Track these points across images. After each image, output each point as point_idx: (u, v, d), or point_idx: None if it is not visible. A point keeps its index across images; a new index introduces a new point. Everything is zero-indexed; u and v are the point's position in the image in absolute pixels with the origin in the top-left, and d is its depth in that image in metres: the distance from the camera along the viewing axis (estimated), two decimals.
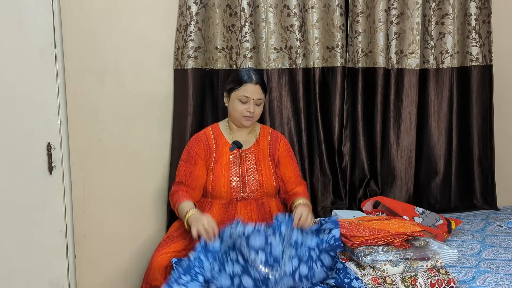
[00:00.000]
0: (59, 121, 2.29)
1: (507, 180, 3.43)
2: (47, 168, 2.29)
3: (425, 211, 2.80)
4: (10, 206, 2.26)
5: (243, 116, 2.41)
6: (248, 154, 2.47)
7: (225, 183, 2.40)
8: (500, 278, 2.24)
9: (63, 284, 2.38)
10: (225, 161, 2.43)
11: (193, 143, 2.46)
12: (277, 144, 2.53)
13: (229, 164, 2.43)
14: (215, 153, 2.44)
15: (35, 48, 2.23)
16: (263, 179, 2.44)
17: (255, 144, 2.50)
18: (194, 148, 2.44)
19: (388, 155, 3.13)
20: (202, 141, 2.45)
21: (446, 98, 3.19)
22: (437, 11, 3.12)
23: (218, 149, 2.44)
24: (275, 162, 2.52)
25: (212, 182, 2.40)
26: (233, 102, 2.42)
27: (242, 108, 2.40)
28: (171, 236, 2.42)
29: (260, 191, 2.43)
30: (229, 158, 2.44)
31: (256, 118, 2.46)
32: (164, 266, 2.22)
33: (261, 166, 2.47)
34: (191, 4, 2.77)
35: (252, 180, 2.43)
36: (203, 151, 2.43)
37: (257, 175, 2.44)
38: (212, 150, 2.44)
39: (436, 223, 2.72)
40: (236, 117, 2.43)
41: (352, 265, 2.16)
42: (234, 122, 2.48)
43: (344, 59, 3.04)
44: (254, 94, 2.39)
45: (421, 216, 2.74)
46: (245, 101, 2.40)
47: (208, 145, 2.45)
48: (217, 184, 2.40)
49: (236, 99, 2.41)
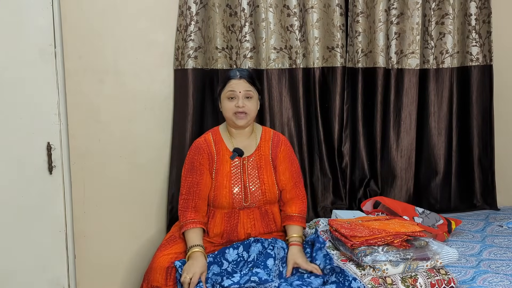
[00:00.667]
0: (59, 121, 2.29)
1: (507, 180, 3.43)
2: (47, 168, 2.29)
3: (425, 211, 2.80)
4: (10, 206, 2.26)
5: (234, 114, 2.33)
6: (249, 162, 2.40)
7: (227, 194, 2.35)
8: (500, 278, 2.24)
9: (63, 284, 2.38)
10: (226, 170, 2.37)
11: (195, 153, 2.38)
12: (278, 149, 2.45)
13: (231, 173, 2.37)
14: (216, 161, 2.37)
15: (35, 48, 2.23)
16: (265, 188, 2.38)
17: (256, 150, 2.43)
18: (197, 158, 2.37)
19: (388, 155, 3.13)
20: (204, 150, 2.38)
21: (446, 98, 3.19)
22: (437, 11, 3.12)
23: (218, 157, 2.38)
24: (275, 166, 2.44)
25: (214, 193, 2.36)
26: (223, 102, 2.37)
27: (232, 105, 2.33)
28: (173, 237, 2.41)
29: (262, 200, 2.38)
30: (230, 167, 2.38)
31: (251, 115, 2.37)
32: (165, 267, 2.21)
33: (263, 174, 2.40)
34: (191, 4, 2.77)
35: (254, 189, 2.37)
36: (206, 160, 2.37)
37: (259, 184, 2.38)
38: (213, 158, 2.38)
39: (436, 223, 2.72)
40: (229, 117, 2.36)
41: (352, 265, 2.16)
42: (230, 124, 2.41)
43: (344, 59, 3.04)
44: (239, 86, 2.33)
45: (421, 216, 2.74)
46: (233, 97, 2.34)
47: (210, 153, 2.38)
48: (219, 194, 2.35)
49: (224, 99, 2.36)
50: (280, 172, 2.42)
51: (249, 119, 2.37)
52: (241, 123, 2.35)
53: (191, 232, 2.30)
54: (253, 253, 2.25)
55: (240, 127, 2.38)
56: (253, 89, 2.37)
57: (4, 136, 2.23)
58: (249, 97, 2.35)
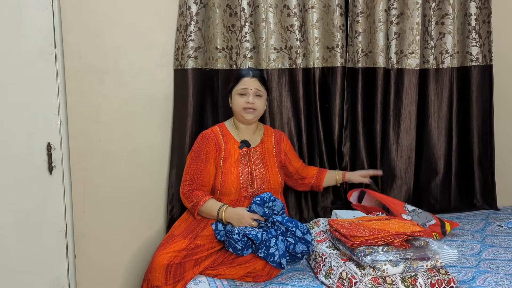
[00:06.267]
0: (59, 121, 2.29)
1: (507, 180, 3.43)
2: (47, 168, 2.29)
3: (416, 209, 2.79)
4: (10, 206, 2.26)
5: (243, 109, 2.50)
6: (255, 153, 2.57)
7: (234, 179, 2.45)
8: (500, 278, 2.24)
9: (63, 284, 2.38)
10: (234, 158, 2.51)
11: (203, 142, 2.51)
12: (281, 143, 2.68)
13: (238, 161, 2.51)
14: (224, 151, 2.51)
15: (35, 48, 2.23)
16: (269, 176, 2.53)
17: (260, 143, 2.61)
18: (204, 146, 2.50)
19: (388, 155, 3.13)
20: (212, 139, 2.51)
21: (446, 98, 3.19)
22: (437, 11, 3.13)
23: (227, 147, 2.52)
24: (282, 159, 2.67)
25: (221, 179, 2.46)
26: (234, 98, 2.54)
27: (242, 100, 2.51)
28: (172, 235, 2.43)
29: (267, 187, 2.51)
30: (237, 155, 2.52)
31: (259, 112, 2.54)
32: (165, 265, 2.24)
33: (267, 164, 2.56)
34: (191, 4, 2.77)
35: (260, 176, 2.51)
36: (213, 149, 2.49)
37: (264, 172, 2.53)
38: (221, 148, 2.51)
39: (428, 223, 2.71)
40: (238, 112, 2.53)
41: (352, 265, 2.16)
42: (238, 119, 2.57)
43: (344, 59, 3.04)
44: (251, 84, 2.51)
45: (411, 214, 2.73)
46: (244, 93, 2.51)
47: (218, 143, 2.51)
48: (227, 180, 2.45)
49: (236, 94, 2.53)
50: (292, 159, 2.73)
51: (257, 115, 2.55)
52: (249, 117, 2.51)
53: (208, 202, 2.40)
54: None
55: (247, 121, 2.55)
56: (263, 88, 2.56)
57: (4, 136, 2.23)
58: (259, 95, 2.54)
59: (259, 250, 2.25)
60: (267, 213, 2.33)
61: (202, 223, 2.43)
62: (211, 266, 2.31)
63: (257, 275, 2.28)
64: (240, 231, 2.25)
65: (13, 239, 2.28)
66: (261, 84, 2.55)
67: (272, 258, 2.25)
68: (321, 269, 2.28)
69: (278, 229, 2.31)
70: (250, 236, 2.23)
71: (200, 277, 2.31)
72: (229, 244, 2.27)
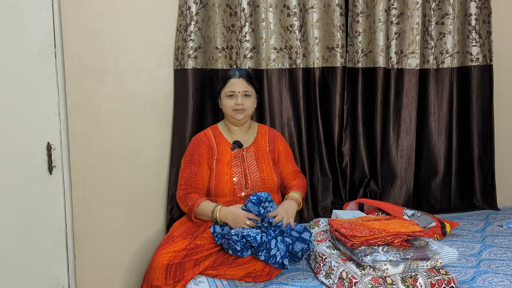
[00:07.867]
0: (59, 121, 2.29)
1: (507, 180, 3.43)
2: (47, 168, 2.29)
3: (415, 213, 2.78)
4: (10, 206, 2.26)
5: (233, 110, 2.50)
6: (248, 152, 2.56)
7: (228, 180, 2.45)
8: (500, 278, 2.24)
9: (63, 284, 2.38)
10: (226, 159, 2.50)
11: (195, 145, 2.52)
12: (276, 142, 2.65)
13: (231, 162, 2.50)
14: (217, 152, 2.51)
15: (35, 48, 2.23)
16: (264, 175, 2.51)
17: (254, 142, 2.59)
18: (196, 150, 2.51)
19: (388, 155, 3.13)
20: (203, 142, 2.52)
21: (446, 98, 3.19)
22: (437, 11, 3.12)
23: (219, 148, 2.52)
24: (275, 159, 2.62)
25: (215, 181, 2.46)
26: (223, 100, 2.54)
27: (231, 102, 2.50)
28: (172, 236, 2.43)
29: (262, 187, 2.49)
30: (230, 156, 2.52)
31: (249, 112, 2.54)
32: (165, 265, 2.24)
33: (261, 163, 2.55)
34: (191, 4, 2.77)
35: (254, 176, 2.49)
36: (205, 151, 2.50)
37: (258, 172, 2.51)
38: (213, 150, 2.51)
39: (428, 226, 2.71)
40: (228, 113, 2.53)
41: (352, 265, 2.16)
42: (229, 120, 2.57)
43: (344, 59, 3.04)
44: (238, 86, 2.50)
45: (410, 218, 2.72)
46: (232, 95, 2.51)
47: (210, 145, 2.51)
48: (220, 182, 2.45)
49: (224, 97, 2.53)
50: (283, 163, 2.65)
51: (247, 115, 2.54)
52: (240, 117, 2.51)
53: (203, 204, 2.39)
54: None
55: (238, 122, 2.55)
56: (251, 88, 2.54)
57: (4, 136, 2.23)
58: (247, 95, 2.53)
59: (259, 253, 2.24)
60: (262, 212, 2.32)
61: (202, 226, 2.44)
62: (211, 266, 2.31)
63: (257, 276, 2.28)
64: (238, 233, 2.25)
65: (13, 239, 2.28)
66: (248, 83, 2.53)
67: (274, 260, 2.23)
68: (321, 269, 2.28)
69: (275, 230, 2.31)
70: (248, 239, 2.22)
71: (200, 277, 2.31)
72: (229, 246, 2.26)
